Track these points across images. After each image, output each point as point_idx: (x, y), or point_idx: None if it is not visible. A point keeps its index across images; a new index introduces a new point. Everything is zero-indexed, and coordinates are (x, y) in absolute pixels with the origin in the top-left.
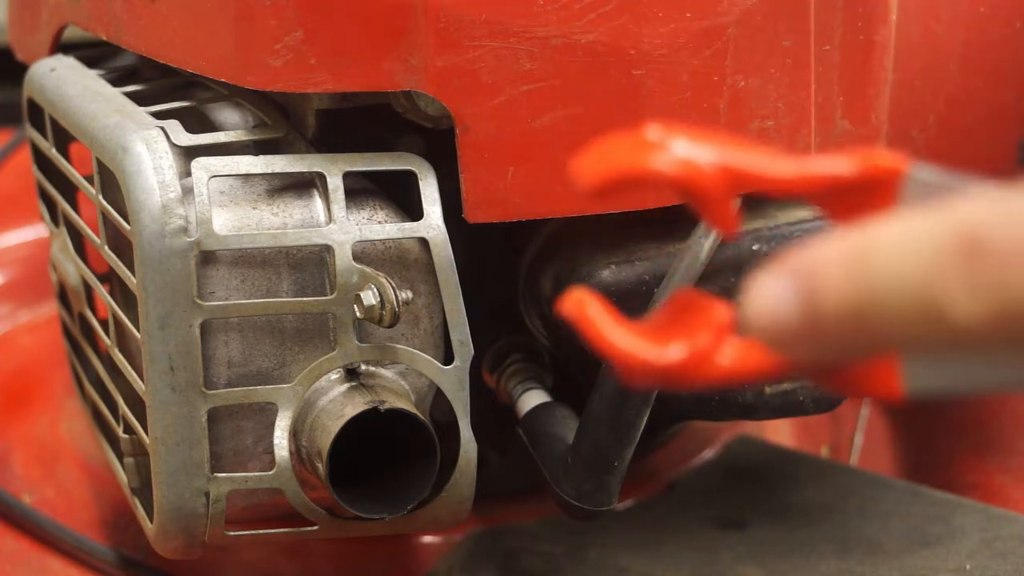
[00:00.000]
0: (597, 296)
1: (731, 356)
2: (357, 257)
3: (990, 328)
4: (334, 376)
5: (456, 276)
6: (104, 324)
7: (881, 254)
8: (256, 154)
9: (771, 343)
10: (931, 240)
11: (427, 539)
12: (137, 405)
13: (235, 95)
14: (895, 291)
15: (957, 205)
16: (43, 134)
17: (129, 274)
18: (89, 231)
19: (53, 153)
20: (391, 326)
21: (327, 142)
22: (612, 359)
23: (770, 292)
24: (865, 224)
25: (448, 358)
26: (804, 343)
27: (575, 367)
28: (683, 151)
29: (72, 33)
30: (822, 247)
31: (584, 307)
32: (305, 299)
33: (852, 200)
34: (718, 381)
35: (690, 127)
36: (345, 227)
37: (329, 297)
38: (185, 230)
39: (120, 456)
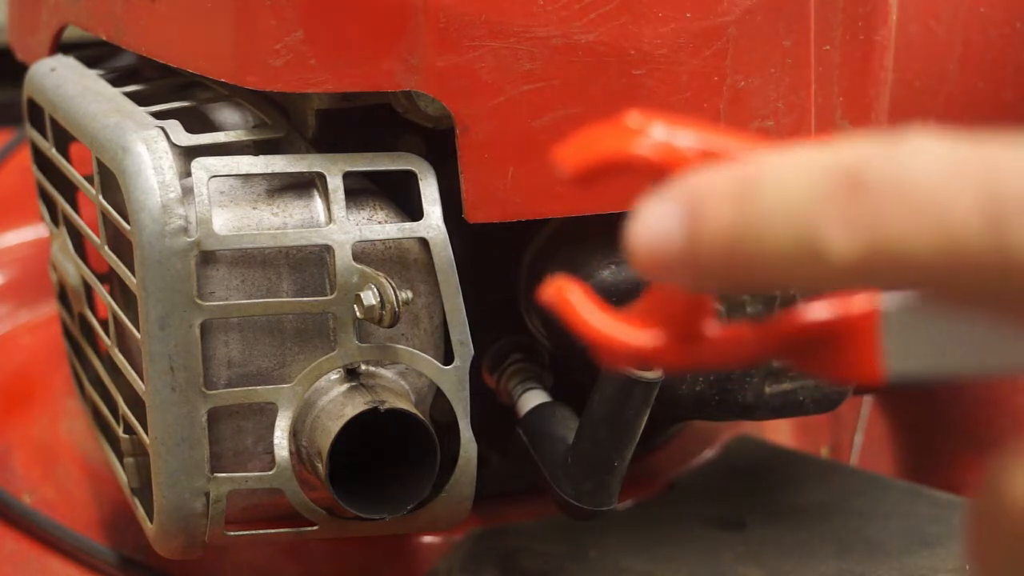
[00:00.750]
0: (584, 287)
1: (712, 340)
2: (357, 257)
3: (862, 267)
4: (334, 376)
5: (456, 276)
6: (104, 324)
7: (766, 185)
8: (256, 154)
9: (652, 270)
10: (815, 175)
11: (427, 539)
12: (137, 405)
13: (235, 95)
14: (775, 223)
15: (846, 143)
16: (43, 134)
17: (129, 274)
18: (89, 231)
19: (53, 153)
20: (391, 326)
21: (327, 142)
22: (592, 343)
23: (655, 216)
24: (756, 154)
25: (448, 358)
26: (685, 272)
27: (575, 367)
28: (663, 135)
29: (72, 33)
30: (712, 174)
31: (564, 293)
32: (305, 299)
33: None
34: (699, 365)
35: (677, 117)
36: (345, 227)
37: (329, 297)
38: (185, 230)
39: (120, 456)
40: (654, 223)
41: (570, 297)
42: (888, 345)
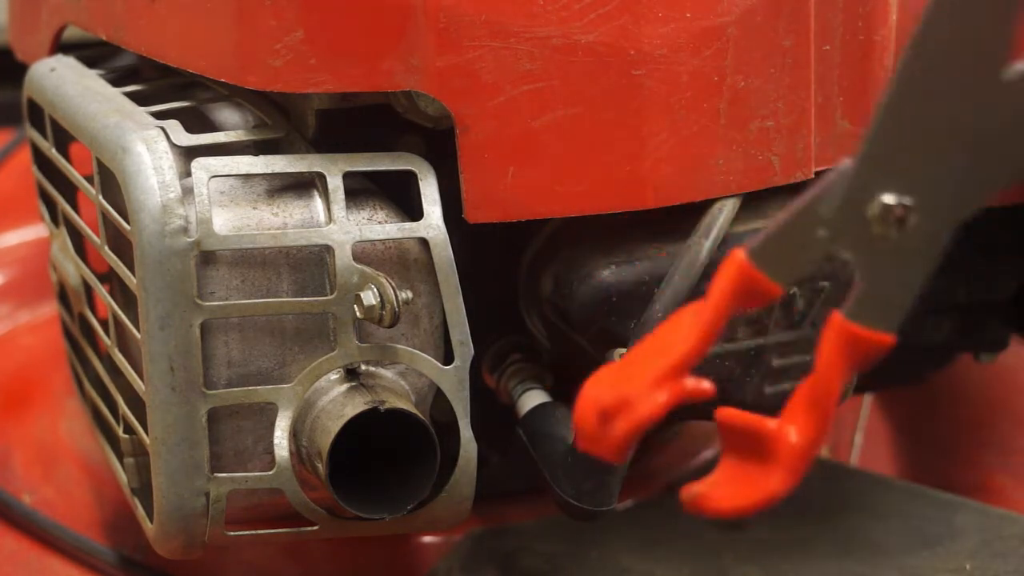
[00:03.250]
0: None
1: None
2: (357, 257)
3: None
4: (334, 376)
5: (456, 276)
6: (104, 324)
7: None
8: (256, 154)
9: None
10: None
11: (427, 539)
12: (137, 405)
13: (235, 95)
14: None
15: None
16: (43, 134)
17: (129, 274)
18: (89, 231)
19: (53, 153)
20: (391, 326)
21: (327, 142)
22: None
23: None
24: None
25: (448, 358)
26: None
27: (575, 367)
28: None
29: (72, 33)
30: None
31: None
32: (305, 299)
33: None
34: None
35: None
36: (345, 227)
37: (329, 297)
38: (185, 230)
39: (120, 456)
40: None
41: None
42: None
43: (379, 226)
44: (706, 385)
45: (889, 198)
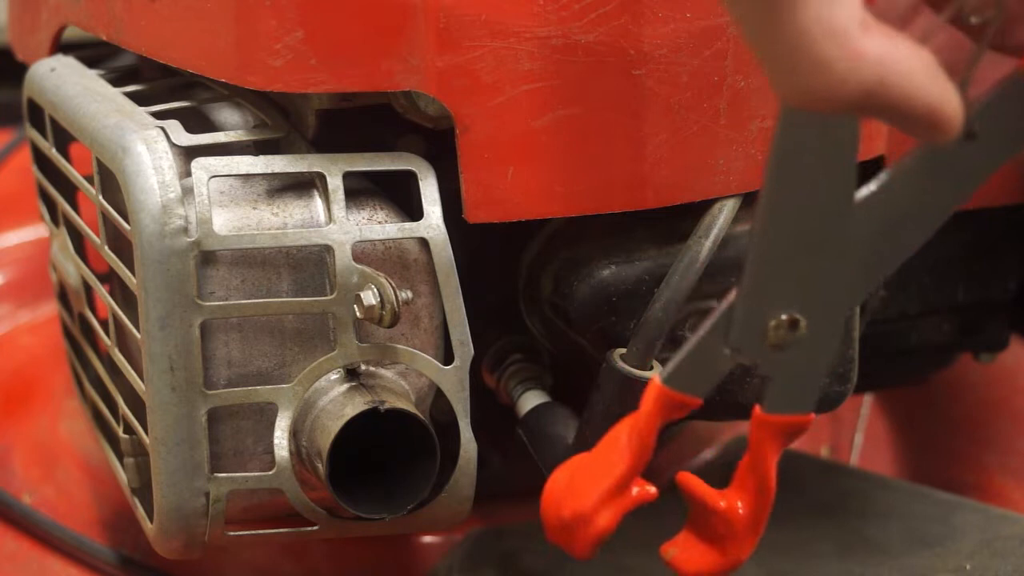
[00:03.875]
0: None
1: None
2: (357, 257)
3: None
4: (334, 376)
5: (456, 276)
6: (104, 324)
7: None
8: (256, 154)
9: None
10: None
11: (427, 539)
12: (137, 405)
13: (235, 95)
14: None
15: None
16: (43, 134)
17: (129, 274)
18: (89, 231)
19: (53, 153)
20: (391, 326)
21: (327, 142)
22: None
23: None
24: None
25: (448, 358)
26: None
27: (575, 367)
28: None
29: (72, 33)
30: None
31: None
32: (305, 299)
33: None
34: None
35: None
36: (345, 227)
37: (329, 297)
38: (185, 230)
39: (120, 456)
40: None
41: None
42: None
43: (379, 226)
44: (651, 489)
45: (777, 314)
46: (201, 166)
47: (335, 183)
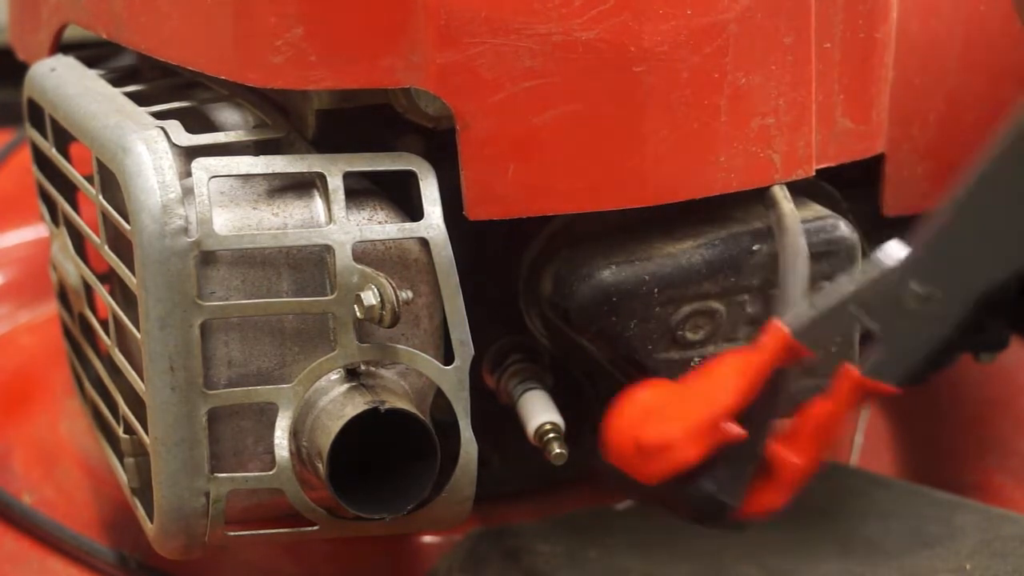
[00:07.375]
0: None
1: None
2: (357, 257)
3: None
4: (334, 376)
5: (456, 276)
6: (104, 324)
7: None
8: (256, 154)
9: None
10: None
11: (427, 539)
12: (137, 405)
13: (235, 95)
14: None
15: None
16: (43, 134)
17: (129, 274)
18: (89, 231)
19: (53, 153)
20: (391, 326)
21: (327, 142)
22: None
23: None
24: None
25: (448, 358)
26: None
27: (575, 367)
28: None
29: (72, 33)
30: None
31: None
32: (305, 299)
33: None
34: None
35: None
36: (345, 227)
37: (329, 297)
38: (185, 230)
39: (120, 456)
40: None
41: None
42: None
43: (379, 226)
44: (739, 430)
45: (918, 287)
46: (201, 166)
47: (335, 183)
